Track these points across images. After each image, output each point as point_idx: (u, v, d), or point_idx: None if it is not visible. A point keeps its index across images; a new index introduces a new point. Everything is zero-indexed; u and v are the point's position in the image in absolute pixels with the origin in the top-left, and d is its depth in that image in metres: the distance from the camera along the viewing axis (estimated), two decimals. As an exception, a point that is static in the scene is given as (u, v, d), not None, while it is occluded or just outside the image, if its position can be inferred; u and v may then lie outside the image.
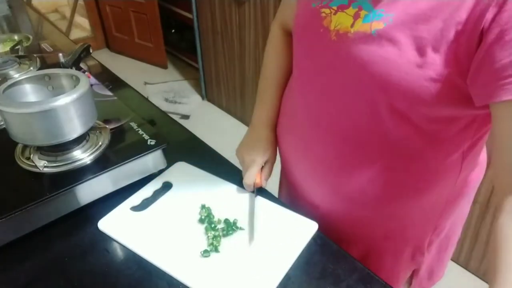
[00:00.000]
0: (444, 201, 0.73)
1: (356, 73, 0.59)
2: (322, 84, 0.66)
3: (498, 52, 0.48)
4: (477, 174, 0.76)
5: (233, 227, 0.71)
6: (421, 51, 0.52)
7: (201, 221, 0.73)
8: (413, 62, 0.53)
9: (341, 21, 0.59)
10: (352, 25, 0.58)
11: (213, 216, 0.73)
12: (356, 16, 0.58)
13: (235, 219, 0.72)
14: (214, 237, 0.69)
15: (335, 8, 0.61)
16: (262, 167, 0.81)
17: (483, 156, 0.75)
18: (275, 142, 0.82)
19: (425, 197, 0.71)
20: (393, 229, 0.73)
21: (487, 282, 0.48)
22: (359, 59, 0.57)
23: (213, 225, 0.71)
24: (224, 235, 0.70)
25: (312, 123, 0.70)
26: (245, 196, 0.78)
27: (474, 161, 0.71)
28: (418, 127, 0.61)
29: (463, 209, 0.82)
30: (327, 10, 0.62)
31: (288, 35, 0.81)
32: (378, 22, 0.55)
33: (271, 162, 0.81)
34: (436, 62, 0.52)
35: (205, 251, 0.67)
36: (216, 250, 0.67)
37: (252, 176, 0.76)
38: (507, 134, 0.52)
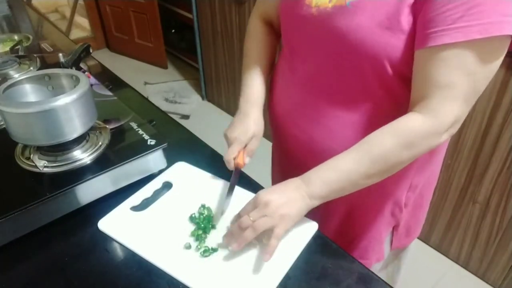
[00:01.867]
0: (418, 158, 0.77)
1: (337, 42, 0.67)
2: (310, 55, 0.74)
3: (427, 7, 0.58)
4: None
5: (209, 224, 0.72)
6: (388, 14, 0.62)
7: (192, 219, 0.73)
8: (383, 25, 0.62)
9: None
10: (330, 1, 0.67)
11: (203, 218, 0.73)
12: None
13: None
14: (198, 235, 0.69)
15: None
16: (247, 145, 0.81)
17: None
18: (261, 119, 0.83)
19: None
20: (373, 185, 0.75)
21: (487, 282, 0.49)
22: (338, 29, 0.66)
23: (201, 225, 0.71)
24: (204, 231, 0.70)
25: (305, 90, 0.77)
26: (246, 196, 0.78)
27: None
28: (398, 85, 0.68)
29: (435, 167, 0.87)
30: None
31: (268, 25, 0.89)
32: None
33: (256, 138, 0.81)
34: (401, 21, 0.61)
35: (205, 250, 0.67)
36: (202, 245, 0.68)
37: (232, 152, 0.76)
38: (430, 74, 0.61)
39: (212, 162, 0.89)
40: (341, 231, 0.89)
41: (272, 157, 1.04)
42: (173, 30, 3.42)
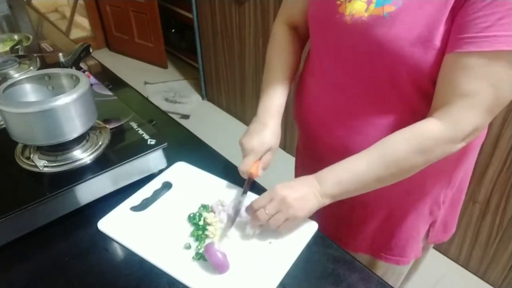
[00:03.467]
0: (457, 153, 0.76)
1: (374, 51, 0.66)
2: (344, 62, 0.72)
3: (462, 12, 0.57)
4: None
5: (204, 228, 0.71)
6: (429, 26, 0.60)
7: (190, 219, 0.73)
8: (422, 36, 0.61)
9: (355, 7, 0.66)
10: (366, 10, 0.65)
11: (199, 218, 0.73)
12: (369, 2, 0.65)
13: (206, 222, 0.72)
14: (198, 235, 0.69)
15: None
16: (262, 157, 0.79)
17: None
18: (279, 131, 0.81)
19: None
20: (414, 185, 0.75)
21: (487, 282, 0.49)
22: (374, 39, 0.64)
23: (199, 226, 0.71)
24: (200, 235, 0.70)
25: (339, 95, 0.76)
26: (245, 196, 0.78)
27: None
28: (433, 88, 0.66)
29: (472, 160, 0.86)
30: None
31: (293, 30, 0.86)
32: (389, 5, 0.63)
33: (272, 151, 0.80)
34: (441, 32, 0.60)
35: (196, 254, 0.66)
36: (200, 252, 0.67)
37: (247, 164, 0.75)
38: (454, 80, 0.60)
39: (212, 162, 0.89)
40: (380, 231, 0.88)
41: (296, 162, 1.02)
42: (173, 30, 3.41)
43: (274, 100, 0.82)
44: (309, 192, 0.67)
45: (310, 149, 0.88)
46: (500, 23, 0.54)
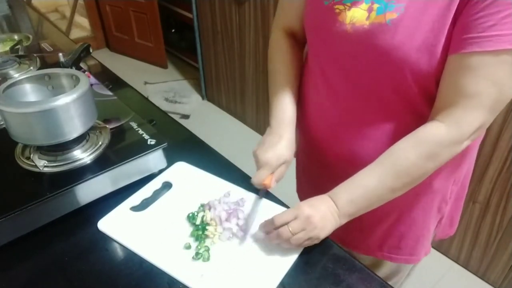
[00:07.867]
0: (460, 152, 0.75)
1: (378, 59, 0.65)
2: (348, 70, 0.71)
3: (465, 12, 0.57)
4: None
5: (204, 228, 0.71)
6: (434, 31, 0.59)
7: (189, 219, 0.73)
8: (428, 42, 0.60)
9: (355, 15, 0.65)
10: (367, 18, 0.64)
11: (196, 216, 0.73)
12: (369, 10, 0.64)
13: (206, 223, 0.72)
14: (198, 235, 0.69)
15: (349, 4, 0.66)
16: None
17: None
18: (293, 143, 0.80)
19: None
20: (421, 185, 0.74)
21: (487, 282, 0.49)
22: (378, 47, 0.63)
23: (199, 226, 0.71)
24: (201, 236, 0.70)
25: (344, 104, 0.75)
26: (245, 196, 0.78)
27: None
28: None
29: (473, 157, 0.86)
30: (341, 7, 0.67)
31: (291, 37, 0.85)
32: (391, 12, 0.62)
33: (287, 164, 0.79)
34: (446, 35, 0.59)
35: (197, 253, 0.66)
36: (206, 255, 0.67)
37: (261, 177, 0.74)
38: (457, 81, 0.60)
39: (212, 162, 0.89)
40: (390, 233, 0.87)
41: (298, 169, 1.01)
42: (173, 30, 3.42)
43: (287, 111, 0.81)
44: (328, 212, 0.67)
45: (315, 157, 0.87)
46: (504, 21, 0.54)
